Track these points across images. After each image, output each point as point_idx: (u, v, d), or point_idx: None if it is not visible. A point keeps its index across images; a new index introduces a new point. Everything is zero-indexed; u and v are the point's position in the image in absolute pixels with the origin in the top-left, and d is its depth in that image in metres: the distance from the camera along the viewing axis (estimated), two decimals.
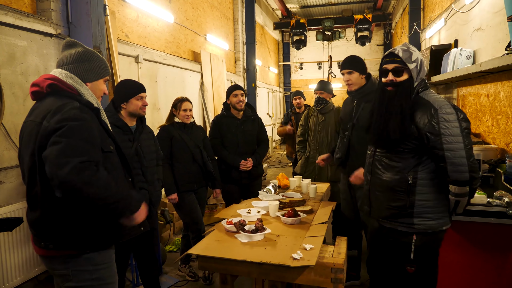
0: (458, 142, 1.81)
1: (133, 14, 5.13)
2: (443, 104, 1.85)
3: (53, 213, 1.60)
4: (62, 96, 1.64)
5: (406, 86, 1.95)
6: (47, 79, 1.65)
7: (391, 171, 2.00)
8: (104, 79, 1.84)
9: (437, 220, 1.95)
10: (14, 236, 3.00)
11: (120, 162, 1.84)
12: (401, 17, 10.88)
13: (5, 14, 3.03)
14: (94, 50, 1.83)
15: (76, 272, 1.65)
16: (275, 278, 1.91)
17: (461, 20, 5.16)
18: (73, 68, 1.72)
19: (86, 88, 1.73)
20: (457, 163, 1.80)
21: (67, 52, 1.75)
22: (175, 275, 3.55)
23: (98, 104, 1.76)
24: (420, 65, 1.95)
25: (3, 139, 3.06)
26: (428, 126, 1.85)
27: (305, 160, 4.02)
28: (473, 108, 4.58)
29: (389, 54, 1.99)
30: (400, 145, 1.95)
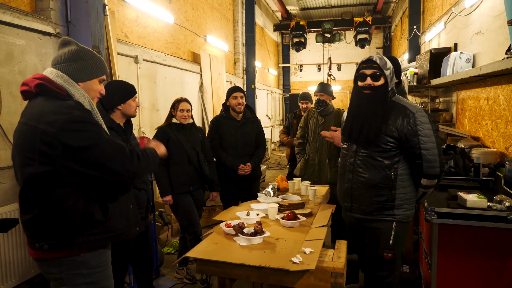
0: (431, 142, 2.10)
1: (133, 14, 5.11)
2: (418, 109, 2.14)
3: (48, 213, 1.56)
4: (51, 96, 1.59)
5: (382, 90, 2.17)
6: (35, 79, 1.60)
7: (374, 170, 2.22)
8: (99, 78, 1.77)
9: (411, 210, 2.26)
10: (10, 237, 2.97)
11: None
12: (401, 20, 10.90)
13: (4, 13, 3.01)
14: (90, 49, 1.78)
15: (70, 276, 1.61)
16: (274, 282, 1.89)
17: (461, 23, 5.15)
18: (65, 67, 1.66)
19: (78, 88, 1.66)
20: (431, 160, 2.10)
21: (61, 51, 1.70)
22: (172, 278, 3.52)
23: (91, 105, 1.70)
24: (392, 73, 2.20)
25: (0, 139, 3.03)
26: (407, 128, 2.11)
27: (304, 163, 4.00)
28: (473, 111, 4.57)
29: (367, 60, 2.20)
30: (381, 145, 2.17)
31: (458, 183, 3.00)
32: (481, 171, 2.99)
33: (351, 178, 2.32)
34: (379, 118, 2.15)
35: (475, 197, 2.35)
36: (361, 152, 2.26)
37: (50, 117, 1.51)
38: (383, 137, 2.15)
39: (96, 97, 1.79)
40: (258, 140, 3.79)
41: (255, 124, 3.76)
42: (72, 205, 1.57)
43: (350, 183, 2.33)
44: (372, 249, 2.35)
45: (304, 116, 4.19)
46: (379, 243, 2.28)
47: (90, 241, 1.62)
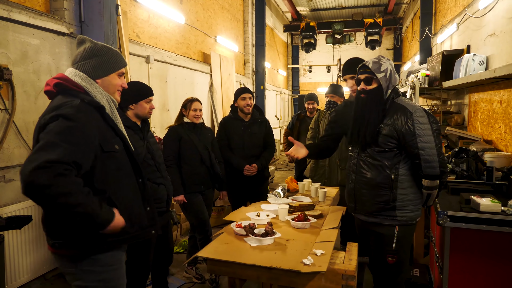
0: (430, 141, 2.08)
1: (145, 15, 5.15)
2: (417, 109, 2.13)
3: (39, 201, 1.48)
4: (68, 94, 1.63)
5: (375, 93, 2.21)
6: (55, 78, 1.65)
7: (375, 170, 2.22)
8: (117, 72, 1.77)
9: (415, 212, 2.21)
10: (23, 234, 3.01)
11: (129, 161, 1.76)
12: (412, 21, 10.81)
13: (19, 13, 3.05)
14: (105, 44, 1.78)
15: (82, 272, 1.63)
16: (285, 283, 1.88)
17: (474, 25, 5.09)
18: (82, 65, 1.69)
19: (96, 86, 1.69)
20: (430, 159, 2.08)
21: (78, 50, 1.74)
22: (181, 277, 3.53)
23: (109, 102, 1.72)
24: (390, 74, 2.19)
25: (14, 137, 3.08)
26: (405, 127, 2.11)
27: (314, 164, 3.99)
28: (485, 114, 4.51)
29: (361, 66, 2.26)
30: (380, 145, 2.18)
31: (470, 186, 2.97)
32: (494, 174, 2.95)
33: (354, 179, 2.35)
34: (374, 120, 2.20)
35: (488, 201, 2.32)
36: (363, 153, 2.29)
37: (49, 112, 1.54)
38: (382, 137, 2.17)
39: (117, 91, 1.80)
40: (267, 141, 3.78)
41: (263, 124, 3.75)
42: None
43: (354, 183, 2.36)
44: (376, 253, 2.33)
45: (315, 117, 4.18)
46: (382, 247, 2.26)
47: (101, 242, 1.62)
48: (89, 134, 1.54)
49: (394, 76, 2.22)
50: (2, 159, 2.97)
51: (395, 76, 2.22)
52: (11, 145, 3.05)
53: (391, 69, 2.21)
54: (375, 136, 2.19)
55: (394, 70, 2.24)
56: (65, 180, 1.38)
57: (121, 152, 1.72)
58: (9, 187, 3.05)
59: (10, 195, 3.05)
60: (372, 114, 2.21)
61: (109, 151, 1.64)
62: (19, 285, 3.00)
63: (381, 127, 2.19)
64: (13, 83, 3.01)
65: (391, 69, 2.21)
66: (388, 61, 2.23)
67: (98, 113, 1.65)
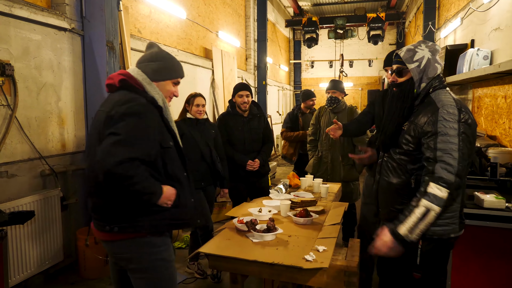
0: (452, 143, 1.70)
1: (146, 10, 5.13)
2: (447, 104, 1.78)
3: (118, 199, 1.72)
4: (131, 91, 1.79)
5: (405, 87, 1.93)
6: (120, 75, 1.81)
7: (395, 173, 1.97)
8: (172, 81, 1.93)
9: (443, 227, 1.85)
10: (26, 229, 3.02)
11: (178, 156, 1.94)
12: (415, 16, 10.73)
13: (20, 8, 3.04)
14: (170, 54, 1.94)
15: (139, 254, 1.78)
16: (287, 279, 1.88)
17: (479, 19, 5.05)
18: (144, 66, 1.87)
19: (154, 86, 1.85)
20: (447, 161, 1.68)
21: (145, 52, 1.93)
22: (183, 272, 3.54)
23: (164, 102, 1.88)
24: (426, 64, 1.87)
25: (17, 133, 3.08)
26: (425, 126, 1.79)
27: (317, 160, 3.98)
28: (489, 109, 4.48)
29: (395, 54, 1.99)
30: (401, 145, 1.91)
31: (474, 182, 2.95)
32: (498, 170, 2.93)
33: (378, 180, 2.12)
34: (396, 118, 1.95)
35: (492, 197, 2.30)
36: (387, 154, 2.05)
37: (120, 105, 1.71)
38: (402, 137, 1.92)
39: (169, 97, 1.96)
40: (265, 136, 3.77)
41: (262, 119, 3.74)
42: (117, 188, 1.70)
43: (376, 185, 2.13)
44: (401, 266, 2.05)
45: (316, 114, 4.16)
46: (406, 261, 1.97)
47: (155, 225, 1.78)
48: (155, 131, 1.76)
49: (432, 66, 1.88)
50: (5, 154, 2.98)
51: (434, 65, 1.89)
52: (14, 141, 3.05)
53: (430, 57, 1.88)
54: (394, 135, 1.95)
55: (436, 58, 1.89)
56: (142, 170, 1.67)
57: (173, 148, 1.89)
58: (12, 182, 3.05)
59: (12, 191, 3.05)
60: (396, 111, 1.95)
61: (166, 147, 1.82)
62: (22, 280, 3.01)
63: (406, 125, 1.92)
64: (15, 79, 3.01)
65: (430, 57, 1.88)
66: (430, 47, 1.90)
67: (157, 111, 1.82)
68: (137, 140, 1.67)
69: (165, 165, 1.83)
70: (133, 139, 1.66)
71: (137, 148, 1.66)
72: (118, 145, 1.62)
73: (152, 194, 1.72)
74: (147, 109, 1.75)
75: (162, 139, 1.81)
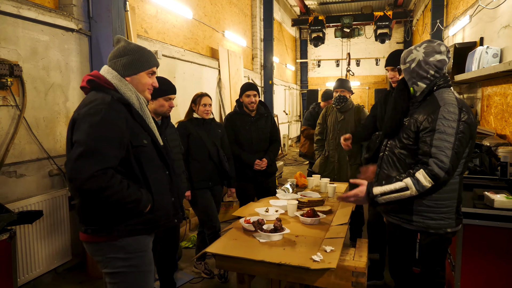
0: (448, 141, 1.78)
1: (153, 10, 5.14)
2: (448, 103, 1.84)
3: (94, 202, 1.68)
4: (100, 91, 1.74)
5: (400, 84, 2.11)
6: (88, 75, 1.77)
7: (395, 167, 2.06)
8: (147, 71, 1.85)
9: (438, 221, 1.94)
10: (35, 229, 3.05)
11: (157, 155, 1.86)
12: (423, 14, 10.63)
13: (28, 9, 3.06)
14: (139, 45, 1.86)
15: (110, 259, 1.73)
16: (294, 279, 1.87)
17: (488, 17, 4.99)
18: (114, 63, 1.81)
19: (125, 83, 1.78)
20: (439, 159, 1.78)
21: (113, 49, 1.86)
22: (190, 272, 3.54)
23: (138, 98, 1.81)
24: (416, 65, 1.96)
25: (25, 133, 3.10)
26: (425, 122, 1.86)
27: (324, 160, 3.96)
28: (499, 108, 4.42)
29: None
30: (402, 139, 2.00)
31: (483, 182, 2.91)
32: (508, 170, 2.89)
33: (378, 173, 2.22)
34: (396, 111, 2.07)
35: (503, 197, 2.27)
36: (387, 147, 2.15)
37: (83, 107, 1.66)
38: (403, 130, 2.00)
39: (146, 90, 1.88)
40: (272, 135, 3.77)
41: (269, 118, 3.74)
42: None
43: (376, 177, 2.23)
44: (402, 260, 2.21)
45: (323, 113, 4.14)
46: (407, 255, 2.14)
47: (129, 229, 1.72)
48: (121, 129, 1.67)
49: (423, 68, 1.94)
50: (14, 154, 3.00)
51: (425, 67, 1.93)
52: (22, 141, 3.08)
53: (421, 58, 1.94)
54: (394, 127, 2.05)
55: (427, 60, 1.93)
56: (116, 181, 1.60)
57: (150, 146, 1.81)
58: (21, 182, 3.08)
59: (21, 190, 3.08)
60: (395, 105, 2.09)
61: (138, 145, 1.74)
62: (31, 279, 3.04)
63: (406, 120, 2.01)
64: (23, 80, 3.03)
65: (421, 58, 1.94)
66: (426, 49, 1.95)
67: (127, 109, 1.75)
68: (103, 144, 1.58)
69: (140, 165, 1.75)
70: (98, 145, 1.57)
71: (105, 156, 1.58)
72: (83, 158, 1.55)
73: (135, 202, 1.67)
74: (110, 107, 1.66)
75: (132, 137, 1.72)
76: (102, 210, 1.68)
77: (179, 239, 3.14)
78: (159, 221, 1.82)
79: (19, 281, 2.84)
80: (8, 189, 2.97)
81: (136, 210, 1.70)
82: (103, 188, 1.56)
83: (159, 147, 1.87)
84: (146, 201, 1.71)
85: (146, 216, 1.75)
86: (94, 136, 1.58)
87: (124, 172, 1.70)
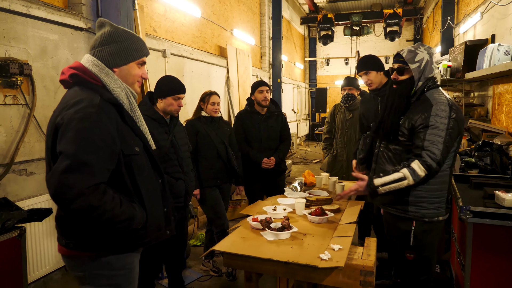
0: (440, 136, 1.96)
1: (161, 9, 5.16)
2: (440, 102, 2.02)
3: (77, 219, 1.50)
4: (86, 88, 1.52)
5: (405, 85, 2.14)
6: (71, 68, 1.53)
7: (391, 162, 2.19)
8: (137, 62, 1.61)
9: (432, 210, 2.10)
10: (44, 226, 3.08)
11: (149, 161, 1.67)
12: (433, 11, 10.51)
13: (38, 8, 3.09)
14: (127, 29, 1.62)
15: (92, 275, 1.55)
16: (302, 278, 1.87)
17: (500, 14, 4.90)
18: (99, 52, 1.55)
19: (114, 78, 1.55)
20: (432, 151, 1.95)
21: (97, 35, 1.59)
22: (198, 270, 3.55)
23: (128, 96, 1.59)
24: (424, 65, 2.09)
25: (35, 131, 3.14)
26: (420, 120, 2.02)
27: (332, 158, 3.93)
28: (510, 106, 4.35)
29: (396, 54, 2.19)
30: (398, 138, 2.12)
31: (494, 181, 2.86)
32: None
33: (374, 168, 2.33)
34: (396, 112, 2.14)
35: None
36: (382, 144, 2.28)
37: (68, 108, 1.44)
38: (400, 129, 2.12)
39: (136, 82, 1.65)
40: (283, 134, 3.75)
41: (280, 117, 3.73)
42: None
43: (373, 173, 2.32)
44: (397, 247, 2.31)
45: (330, 111, 4.12)
46: (401, 242, 2.22)
47: (117, 246, 1.55)
48: (112, 136, 1.46)
49: (429, 67, 2.09)
50: (24, 153, 3.04)
51: (431, 66, 2.10)
52: (32, 139, 3.11)
53: (428, 59, 2.09)
54: (393, 128, 2.14)
55: (432, 60, 2.11)
56: (108, 197, 1.40)
57: (141, 153, 1.61)
58: (31, 180, 3.12)
59: (31, 188, 3.11)
60: (395, 105, 2.15)
61: (130, 154, 1.54)
62: (41, 276, 3.07)
63: (402, 119, 2.12)
64: (33, 78, 3.06)
65: (428, 59, 2.09)
66: (427, 50, 2.11)
67: (117, 111, 1.54)
68: (93, 156, 1.37)
69: (132, 176, 1.54)
70: (87, 157, 1.36)
71: (95, 170, 1.37)
72: (71, 172, 1.33)
73: (129, 220, 1.47)
74: (101, 110, 1.44)
75: (124, 145, 1.51)
76: (87, 225, 1.49)
77: (187, 237, 3.15)
78: (149, 236, 1.62)
79: (29, 278, 2.87)
80: (18, 187, 3.01)
81: (128, 229, 1.51)
82: (95, 207, 1.36)
83: (151, 153, 1.67)
84: (140, 219, 1.52)
85: (137, 232, 1.56)
86: (83, 146, 1.36)
87: (115, 184, 1.49)
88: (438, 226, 2.16)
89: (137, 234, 1.57)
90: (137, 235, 1.58)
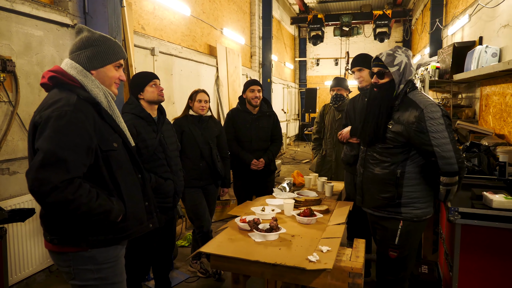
0: (444, 137, 2.00)
1: (150, 6, 5.09)
2: (428, 104, 2.05)
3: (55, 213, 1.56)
4: (64, 89, 1.58)
5: (385, 88, 2.17)
6: (50, 71, 1.61)
7: (381, 166, 2.21)
8: (114, 64, 1.69)
9: (422, 210, 2.16)
10: (27, 227, 3.00)
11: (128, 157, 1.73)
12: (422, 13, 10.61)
13: (22, 4, 3.01)
14: (104, 34, 1.70)
15: (78, 270, 1.60)
16: (290, 280, 1.84)
17: (487, 16, 4.95)
18: (77, 56, 1.63)
19: (92, 79, 1.62)
20: (446, 156, 1.99)
21: (75, 40, 1.68)
22: (186, 271, 3.51)
23: (106, 96, 1.66)
24: (404, 68, 2.12)
25: (18, 129, 3.06)
26: (415, 125, 2.04)
27: (321, 159, 3.93)
28: (498, 108, 4.40)
29: (375, 58, 2.22)
30: (387, 141, 2.15)
31: (482, 182, 2.89)
32: (507, 170, 2.86)
33: (362, 173, 2.34)
34: (381, 116, 2.16)
35: (502, 197, 2.24)
36: (370, 149, 2.28)
37: (46, 109, 1.50)
38: (390, 134, 2.14)
39: (114, 84, 1.72)
40: (274, 135, 3.72)
41: (271, 118, 3.70)
42: None
43: (361, 177, 2.35)
44: (379, 246, 2.34)
45: (320, 111, 4.11)
46: (385, 241, 2.26)
47: (100, 240, 1.60)
48: (88, 133, 1.52)
49: (409, 69, 2.14)
50: (6, 151, 2.96)
51: (410, 69, 2.14)
52: (15, 138, 3.03)
53: (407, 61, 2.13)
54: (380, 132, 2.16)
55: (411, 63, 2.16)
56: (84, 191, 1.46)
57: (120, 149, 1.67)
58: (13, 179, 3.03)
59: (14, 188, 3.03)
60: (379, 109, 2.17)
61: (108, 150, 1.60)
62: (24, 278, 3.00)
63: (391, 123, 2.15)
64: (16, 75, 2.98)
65: (407, 61, 2.13)
66: (405, 53, 2.15)
67: (95, 109, 1.60)
68: (68, 152, 1.43)
69: (111, 171, 1.60)
70: (63, 153, 1.41)
71: (70, 165, 1.42)
72: (46, 167, 1.39)
73: (106, 213, 1.52)
74: (77, 108, 1.50)
75: (101, 141, 1.57)
76: (69, 221, 1.55)
77: (175, 237, 3.10)
78: (131, 229, 1.68)
79: (10, 280, 2.80)
80: (0, 186, 2.92)
81: (106, 222, 1.57)
82: (70, 201, 1.41)
83: (130, 149, 1.73)
84: (117, 211, 1.57)
85: (118, 225, 1.62)
86: (58, 143, 1.42)
87: (93, 179, 1.56)
88: (424, 224, 2.24)
89: (118, 227, 1.62)
90: (118, 228, 1.63)
